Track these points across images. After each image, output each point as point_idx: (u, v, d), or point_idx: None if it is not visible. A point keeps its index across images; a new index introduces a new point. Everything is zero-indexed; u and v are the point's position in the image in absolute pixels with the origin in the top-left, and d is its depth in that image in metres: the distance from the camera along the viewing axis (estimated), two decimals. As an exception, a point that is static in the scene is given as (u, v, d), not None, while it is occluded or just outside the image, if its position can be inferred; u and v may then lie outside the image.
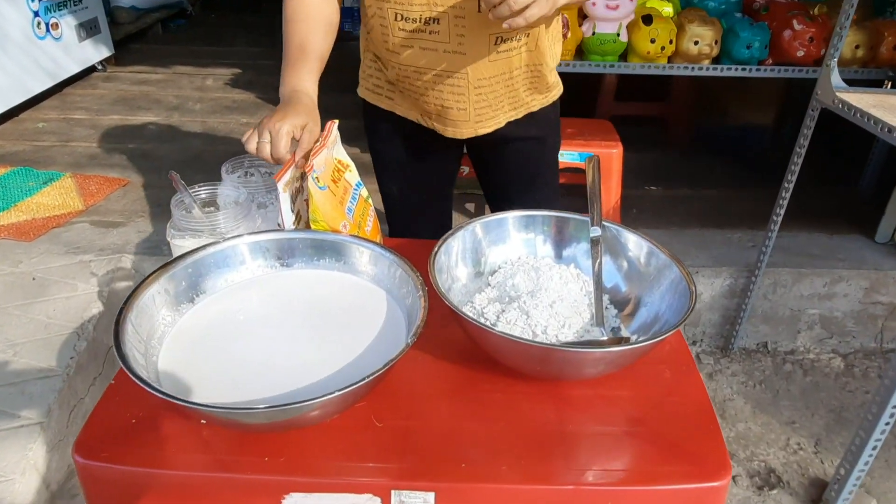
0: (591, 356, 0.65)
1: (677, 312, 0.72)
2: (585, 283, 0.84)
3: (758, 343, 1.89)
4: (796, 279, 1.78)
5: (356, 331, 0.73)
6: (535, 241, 0.86)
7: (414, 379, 0.74)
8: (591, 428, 0.68)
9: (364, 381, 0.57)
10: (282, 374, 0.67)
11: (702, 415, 0.69)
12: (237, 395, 0.64)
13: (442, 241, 0.78)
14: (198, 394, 0.64)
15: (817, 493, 1.38)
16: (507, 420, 0.69)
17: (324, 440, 0.66)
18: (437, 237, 0.80)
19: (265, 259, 0.81)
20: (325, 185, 0.80)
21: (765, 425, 1.61)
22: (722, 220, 2.07)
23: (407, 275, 0.75)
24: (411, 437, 0.67)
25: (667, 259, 0.77)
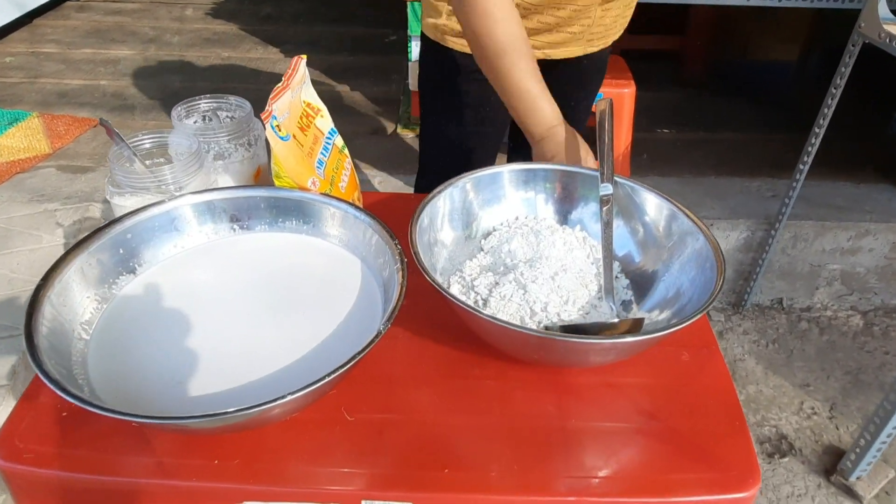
0: (597, 347, 0.55)
1: (701, 289, 0.62)
2: (593, 248, 0.74)
3: (772, 299, 1.80)
4: (819, 233, 1.67)
5: (325, 308, 0.63)
6: (535, 199, 0.75)
7: (392, 362, 0.65)
8: (596, 423, 0.59)
9: (322, 382, 0.48)
10: (235, 363, 0.57)
11: (726, 408, 0.60)
12: (182, 391, 0.55)
13: (426, 202, 0.67)
14: (135, 390, 0.55)
15: (831, 462, 1.32)
16: (500, 413, 0.60)
17: (285, 439, 0.57)
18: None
19: (218, 222, 0.70)
20: (288, 134, 0.69)
21: (777, 388, 1.54)
22: (740, 167, 1.94)
23: (384, 242, 0.64)
24: (387, 434, 0.58)
25: (691, 225, 0.66)
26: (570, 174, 0.75)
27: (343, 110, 2.30)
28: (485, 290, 0.66)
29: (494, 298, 0.65)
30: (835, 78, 1.37)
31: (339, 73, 2.55)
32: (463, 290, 0.68)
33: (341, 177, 0.78)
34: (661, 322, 0.65)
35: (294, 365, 0.58)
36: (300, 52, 0.81)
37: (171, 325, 0.61)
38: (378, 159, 1.97)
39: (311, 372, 0.57)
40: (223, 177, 0.80)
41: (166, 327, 0.61)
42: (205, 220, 0.70)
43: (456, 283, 0.69)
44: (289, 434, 0.57)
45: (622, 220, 0.73)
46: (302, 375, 0.57)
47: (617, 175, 0.73)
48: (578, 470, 0.55)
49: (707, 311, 0.58)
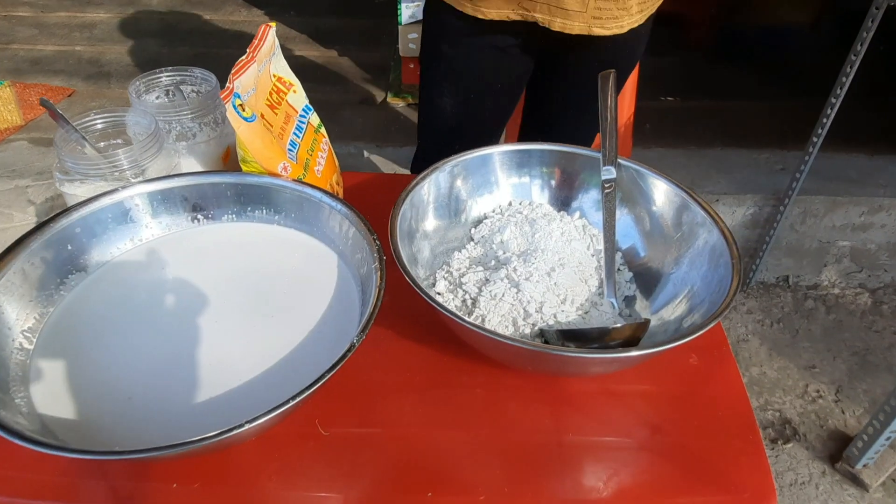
0: (596, 361, 0.49)
1: (713, 288, 0.56)
2: (594, 238, 0.68)
3: (778, 277, 1.75)
4: (830, 208, 1.61)
5: (297, 310, 0.57)
6: (530, 185, 0.69)
7: (371, 369, 0.59)
8: (595, 438, 0.54)
9: (285, 408, 0.42)
10: (197, 375, 0.52)
11: (739, 420, 0.55)
12: (136, 408, 0.49)
13: (408, 190, 0.61)
14: (84, 407, 0.49)
15: (837, 448, 1.29)
16: (490, 427, 0.55)
17: (250, 458, 0.52)
18: None
19: (178, 212, 0.64)
20: (253, 113, 0.62)
21: (781, 370, 1.50)
22: (747, 138, 1.86)
23: (362, 235, 0.58)
24: (364, 452, 0.53)
25: (704, 215, 0.60)
26: (568, 156, 0.68)
27: (330, 78, 2.20)
28: (474, 288, 0.61)
29: (484, 298, 0.59)
30: (855, 44, 1.28)
31: (326, 38, 2.44)
32: (450, 286, 0.63)
33: (317, 159, 0.71)
34: (668, 324, 0.59)
35: (262, 377, 0.52)
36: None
37: (126, 332, 0.55)
38: (367, 131, 1.89)
39: (280, 385, 0.52)
40: (187, 160, 0.73)
41: (121, 334, 0.55)
42: (164, 210, 0.64)
43: (443, 278, 0.64)
44: (255, 452, 0.52)
45: (626, 208, 0.67)
46: (271, 389, 0.52)
47: (621, 157, 0.67)
48: (576, 491, 0.50)
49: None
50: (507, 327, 0.58)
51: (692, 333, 0.48)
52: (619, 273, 0.66)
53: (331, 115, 1.94)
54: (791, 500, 1.21)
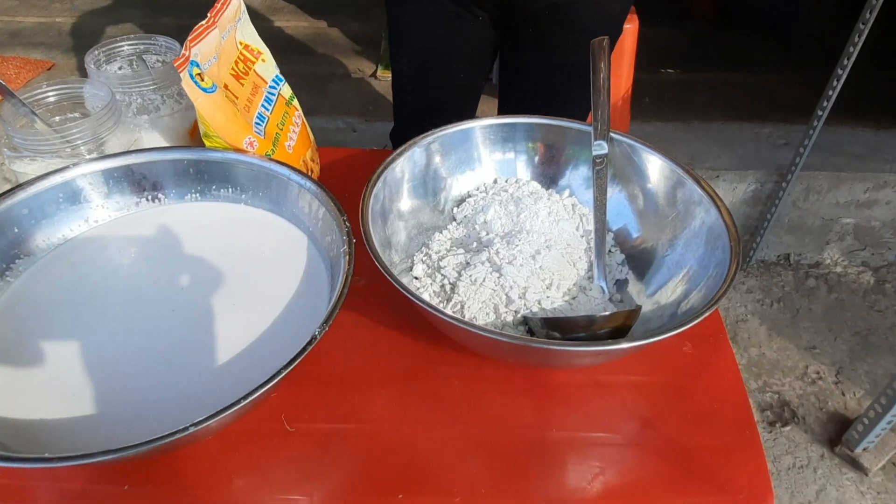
0: (581, 354, 0.46)
1: (710, 271, 0.52)
2: (584, 218, 0.63)
3: (779, 255, 1.71)
4: (833, 184, 1.56)
5: (262, 296, 0.53)
6: (515, 161, 0.64)
7: (342, 358, 0.56)
8: (581, 434, 0.51)
9: (232, 410, 0.39)
10: (149, 370, 0.48)
11: (735, 413, 0.52)
12: (86, 406, 0.46)
13: (382, 168, 0.56)
14: (28, 405, 0.46)
15: (836, 431, 1.27)
16: (468, 422, 0.51)
17: (208, 456, 0.48)
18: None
19: (135, 192, 0.59)
20: (214, 84, 0.57)
21: (781, 350, 1.47)
22: (750, 112, 1.81)
23: (332, 216, 0.54)
24: (333, 449, 0.49)
25: (702, 194, 0.56)
26: (557, 129, 0.64)
27: (318, 50, 2.13)
28: (453, 273, 0.57)
29: (464, 283, 0.55)
30: (863, 12, 1.23)
31: (315, 8, 2.36)
32: (428, 270, 0.59)
33: (288, 134, 0.66)
34: (664, 308, 0.55)
35: (221, 369, 0.48)
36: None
37: (75, 322, 0.51)
38: (356, 105, 1.83)
39: (240, 379, 0.48)
40: (150, 134, 0.69)
41: (70, 324, 0.51)
42: (120, 189, 0.59)
43: (421, 262, 0.60)
44: (214, 450, 0.49)
45: (619, 186, 0.63)
46: (230, 383, 0.48)
47: (614, 131, 0.62)
48: (559, 492, 0.47)
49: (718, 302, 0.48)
50: (487, 314, 0.54)
51: (685, 323, 0.44)
52: (611, 255, 0.62)
53: (318, 88, 1.88)
54: (788, 485, 1.19)
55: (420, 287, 0.57)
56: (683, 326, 0.44)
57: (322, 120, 1.75)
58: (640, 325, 0.55)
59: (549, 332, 0.52)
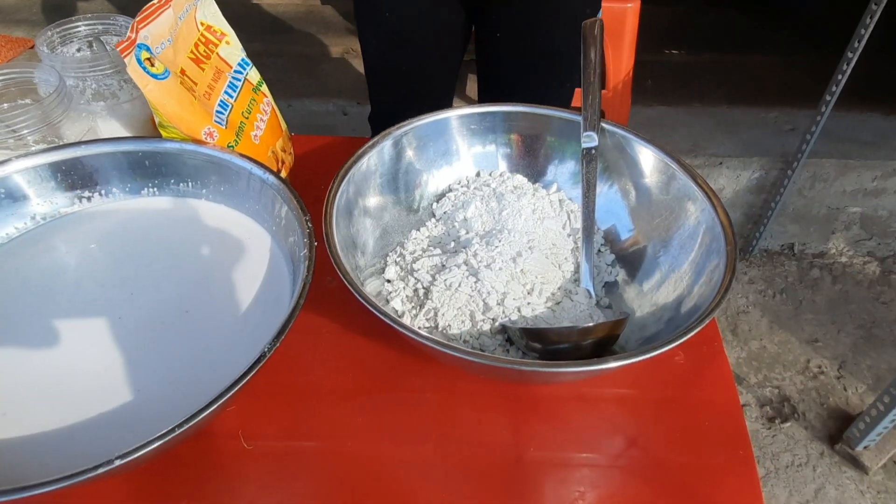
0: (557, 376, 0.42)
1: (704, 276, 0.48)
2: (571, 215, 0.59)
3: (782, 245, 1.67)
4: (841, 172, 1.51)
5: (218, 303, 0.50)
6: (496, 154, 0.60)
7: (305, 369, 0.52)
8: (561, 454, 0.47)
9: (164, 440, 0.35)
10: (88, 387, 0.44)
11: (728, 431, 0.48)
12: (10, 430, 0.42)
13: (348, 164, 0.52)
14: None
15: (836, 428, 1.23)
16: (440, 440, 0.48)
17: (158, 478, 0.45)
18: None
19: (81, 187, 0.55)
20: (166, 70, 0.52)
21: (782, 344, 1.43)
22: (756, 95, 1.75)
23: (294, 215, 0.50)
24: (294, 469, 0.46)
25: (697, 191, 0.52)
26: (542, 119, 0.59)
27: (310, 29, 2.07)
28: (427, 276, 0.52)
29: (438, 288, 0.51)
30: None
31: None
32: (401, 273, 0.55)
33: (255, 123, 0.62)
34: (661, 312, 0.51)
35: (168, 386, 0.45)
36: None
37: (12, 332, 0.47)
38: (347, 87, 1.77)
39: (188, 398, 0.44)
40: (108, 123, 0.64)
41: (4, 334, 0.47)
42: (68, 183, 0.55)
43: (394, 263, 0.55)
44: (161, 470, 0.45)
45: (610, 181, 0.59)
46: (177, 402, 0.44)
47: (605, 120, 0.58)
48: (535, 519, 0.44)
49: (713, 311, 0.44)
50: (463, 322, 0.50)
51: (672, 340, 0.40)
52: (600, 255, 0.58)
53: (309, 69, 1.82)
54: (787, 483, 1.16)
55: (392, 291, 0.53)
56: (670, 344, 0.40)
57: (312, 103, 1.70)
58: (635, 331, 0.51)
59: (528, 342, 0.48)
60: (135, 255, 0.53)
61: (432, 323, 0.51)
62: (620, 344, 0.50)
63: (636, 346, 0.49)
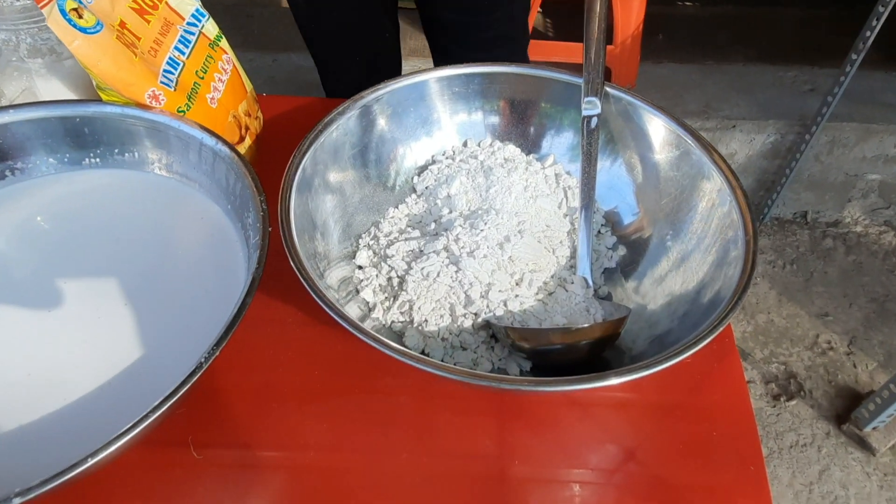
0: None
1: (720, 270, 0.42)
2: (569, 192, 0.53)
3: (795, 213, 1.60)
4: (862, 136, 1.43)
5: (163, 294, 0.44)
6: (482, 123, 0.53)
7: (263, 367, 0.47)
8: (549, 468, 0.42)
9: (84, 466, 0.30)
10: (13, 392, 0.39)
11: (738, 440, 0.43)
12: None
13: (310, 137, 0.46)
14: None
15: (844, 407, 1.19)
16: (414, 450, 0.43)
17: (94, 491, 0.40)
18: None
19: (8, 158, 0.49)
20: (99, 22, 0.45)
21: (791, 318, 1.38)
22: (774, 52, 1.65)
23: (249, 194, 0.44)
24: (250, 482, 0.41)
25: (713, 169, 0.45)
26: (537, 82, 0.52)
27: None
28: (402, 264, 0.47)
29: (414, 277, 0.45)
30: (916, -65, 1.06)
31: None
32: (374, 259, 0.49)
33: (211, 84, 0.55)
34: (666, 310, 0.45)
35: (105, 390, 0.39)
36: None
37: (-71, 322, 0.42)
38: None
39: (127, 404, 0.39)
40: (48, 82, 0.57)
41: (-77, 324, 0.42)
42: (-6, 153, 0.49)
43: (366, 246, 0.50)
44: (100, 483, 0.40)
45: (613, 154, 0.52)
46: (113, 408, 0.39)
47: (610, 85, 0.51)
48: (517, 544, 0.39)
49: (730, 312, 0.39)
50: (441, 317, 0.45)
51: (685, 350, 0.35)
52: (600, 238, 0.52)
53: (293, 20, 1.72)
54: (790, 464, 1.13)
55: (363, 280, 0.47)
56: (686, 352, 0.34)
57: (299, 57, 1.61)
58: (644, 328, 0.45)
59: (515, 342, 0.43)
60: (71, 239, 0.47)
61: (407, 317, 0.45)
62: (627, 344, 0.44)
63: (645, 345, 0.43)
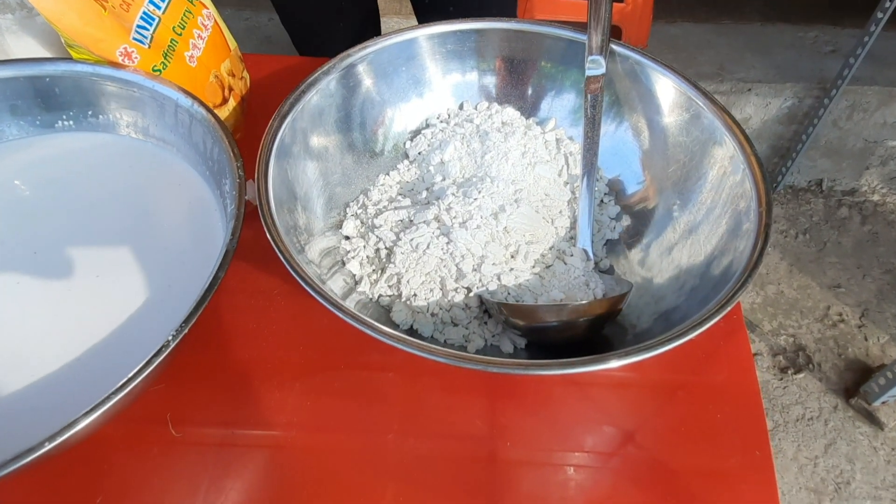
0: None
1: (731, 244, 0.40)
2: (570, 158, 0.50)
3: (810, 181, 1.55)
4: (884, 101, 1.37)
5: (137, 264, 0.42)
6: (477, 84, 0.50)
7: (246, 341, 0.45)
8: (545, 453, 0.40)
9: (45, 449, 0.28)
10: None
11: (745, 422, 0.41)
12: None
13: (290, 101, 0.43)
14: None
15: (853, 381, 1.17)
16: (399, 431, 0.41)
17: (70, 471, 0.39)
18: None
19: (-27, 121, 0.46)
20: (62, -30, 0.42)
21: (802, 289, 1.35)
22: (794, 10, 1.58)
23: (227, 159, 0.41)
24: (230, 461, 0.40)
25: (726, 134, 0.42)
26: (536, 39, 0.49)
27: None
28: (390, 234, 0.44)
29: (403, 249, 0.43)
30: None
31: None
32: (362, 229, 0.46)
33: (190, 42, 0.52)
34: (673, 285, 0.43)
35: (74, 367, 0.38)
36: None
37: None
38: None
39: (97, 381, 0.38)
40: (20, 39, 0.54)
41: None
42: (-41, 115, 0.46)
43: (354, 216, 0.47)
44: (76, 460, 0.39)
45: (619, 118, 0.49)
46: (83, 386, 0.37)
47: (616, 42, 0.47)
48: (507, 529, 0.37)
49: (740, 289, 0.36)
50: (431, 291, 0.43)
51: (691, 331, 0.32)
52: (602, 207, 0.49)
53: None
54: (795, 438, 1.12)
55: (350, 251, 0.45)
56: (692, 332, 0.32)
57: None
58: (650, 303, 0.42)
59: (509, 318, 0.40)
60: (42, 206, 0.45)
61: (395, 291, 0.43)
62: (630, 320, 0.42)
63: (650, 321, 0.41)
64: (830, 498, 1.05)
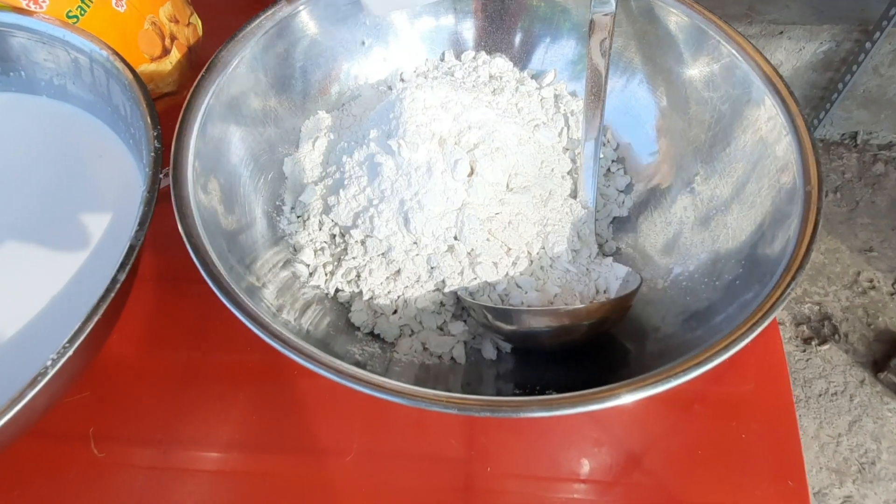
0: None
1: (770, 231, 0.32)
2: (570, 119, 0.42)
3: (843, 134, 1.44)
4: (931, 44, 1.25)
5: (46, 253, 0.35)
6: (455, 30, 0.41)
7: (179, 344, 0.38)
8: (528, 478, 0.34)
9: None
10: None
11: (774, 447, 0.34)
12: None
13: (226, 49, 0.35)
14: None
15: (883, 353, 1.10)
16: (364, 450, 0.35)
17: (-34, 502, 0.33)
18: None
19: None
20: None
21: (830, 253, 1.27)
22: (834, -57, 1.43)
23: (144, 126, 0.34)
24: (161, 485, 0.34)
25: (763, 86, 0.34)
26: (535, -27, 0.40)
27: None
28: (347, 218, 0.37)
29: (360, 237, 0.36)
30: None
31: None
32: (314, 211, 0.39)
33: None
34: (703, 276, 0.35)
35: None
36: None
37: None
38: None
39: None
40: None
41: None
42: None
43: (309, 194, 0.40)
44: (-22, 490, 0.34)
45: (630, 70, 0.40)
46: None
47: (629, -26, 0.39)
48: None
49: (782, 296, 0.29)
50: (395, 288, 0.36)
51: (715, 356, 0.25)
52: (609, 178, 0.42)
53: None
54: (817, 414, 1.06)
55: (301, 238, 0.38)
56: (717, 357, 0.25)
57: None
58: (677, 297, 0.35)
59: (492, 321, 0.34)
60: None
61: (354, 287, 0.36)
62: (654, 322, 0.35)
63: (676, 325, 0.33)
64: (853, 479, 0.99)
